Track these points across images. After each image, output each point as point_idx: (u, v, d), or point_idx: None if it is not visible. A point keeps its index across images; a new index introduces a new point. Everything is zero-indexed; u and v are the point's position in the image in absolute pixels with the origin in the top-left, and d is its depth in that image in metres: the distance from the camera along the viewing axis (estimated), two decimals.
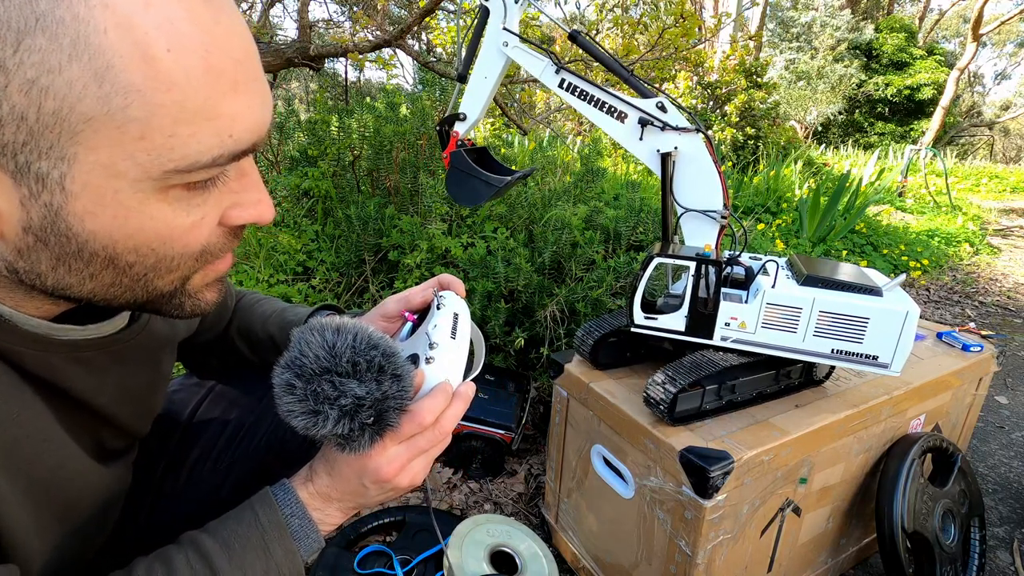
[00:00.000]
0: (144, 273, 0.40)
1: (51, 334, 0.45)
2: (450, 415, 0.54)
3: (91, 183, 0.34)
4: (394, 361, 0.51)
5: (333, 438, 0.49)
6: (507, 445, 1.48)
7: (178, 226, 0.38)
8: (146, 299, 0.42)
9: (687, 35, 3.72)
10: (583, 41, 0.92)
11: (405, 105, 2.51)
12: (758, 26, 11.06)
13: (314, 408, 0.47)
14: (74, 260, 0.37)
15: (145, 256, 0.39)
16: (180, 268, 0.42)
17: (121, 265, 0.38)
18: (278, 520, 0.52)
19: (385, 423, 0.50)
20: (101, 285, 0.39)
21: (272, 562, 0.50)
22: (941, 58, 15.00)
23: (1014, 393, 2.29)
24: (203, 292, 0.46)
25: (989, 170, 11.71)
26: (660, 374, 0.92)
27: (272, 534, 0.51)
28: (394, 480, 0.52)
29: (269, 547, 0.51)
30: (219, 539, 0.50)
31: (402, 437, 0.52)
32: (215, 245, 0.42)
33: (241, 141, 0.37)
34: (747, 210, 4.08)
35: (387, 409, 0.50)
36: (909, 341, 0.86)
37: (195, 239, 0.40)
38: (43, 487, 0.47)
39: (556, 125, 6.03)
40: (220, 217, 0.41)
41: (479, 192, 0.95)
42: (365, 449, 0.50)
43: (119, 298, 0.41)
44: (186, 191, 0.38)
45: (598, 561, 1.15)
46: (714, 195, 0.92)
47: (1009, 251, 5.12)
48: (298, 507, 0.53)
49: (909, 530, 1.05)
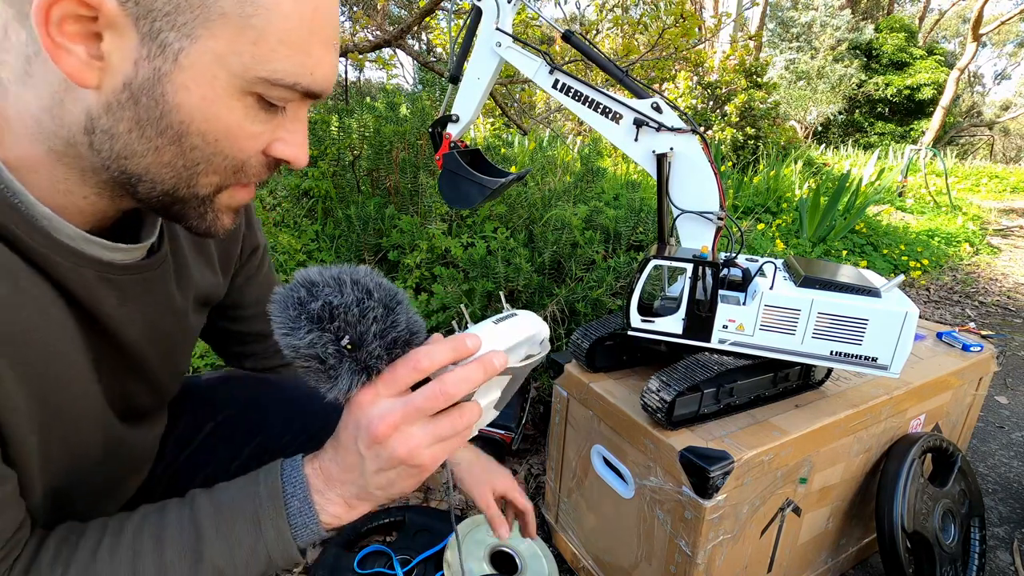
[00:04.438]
0: (197, 163, 0.44)
1: (84, 248, 0.47)
2: (459, 374, 0.45)
3: (199, 63, 0.40)
4: (388, 291, 0.46)
5: (312, 366, 0.44)
6: (507, 445, 1.48)
7: (242, 129, 0.44)
8: (183, 195, 0.46)
9: (687, 35, 3.72)
10: (576, 41, 0.92)
11: (405, 105, 2.51)
12: (758, 26, 11.06)
13: (292, 317, 0.43)
14: (151, 127, 0.41)
15: (207, 144, 0.43)
16: (221, 173, 0.46)
17: (185, 146, 0.43)
18: (277, 495, 0.48)
19: (368, 353, 0.44)
20: (158, 163, 0.43)
21: (262, 541, 0.47)
22: (941, 58, 15.00)
23: (1014, 393, 2.28)
24: (222, 214, 0.50)
25: (989, 170, 11.71)
26: (654, 380, 0.92)
27: (267, 510, 0.48)
28: (388, 443, 0.45)
29: (261, 523, 0.48)
30: (215, 504, 0.49)
31: (395, 385, 0.45)
32: (252, 168, 0.48)
33: (315, 83, 0.45)
34: (747, 210, 4.08)
35: (369, 335, 0.44)
36: (908, 342, 0.86)
37: (247, 148, 0.46)
38: (54, 407, 0.48)
39: (556, 125, 6.03)
40: (267, 145, 0.47)
41: (472, 195, 0.94)
42: (347, 385, 0.44)
43: (163, 183, 0.45)
44: (258, 104, 0.44)
45: (598, 561, 1.15)
46: (710, 196, 0.92)
47: (1009, 251, 5.12)
48: (300, 486, 0.49)
49: (909, 530, 1.05)
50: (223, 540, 0.47)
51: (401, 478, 0.48)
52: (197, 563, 0.46)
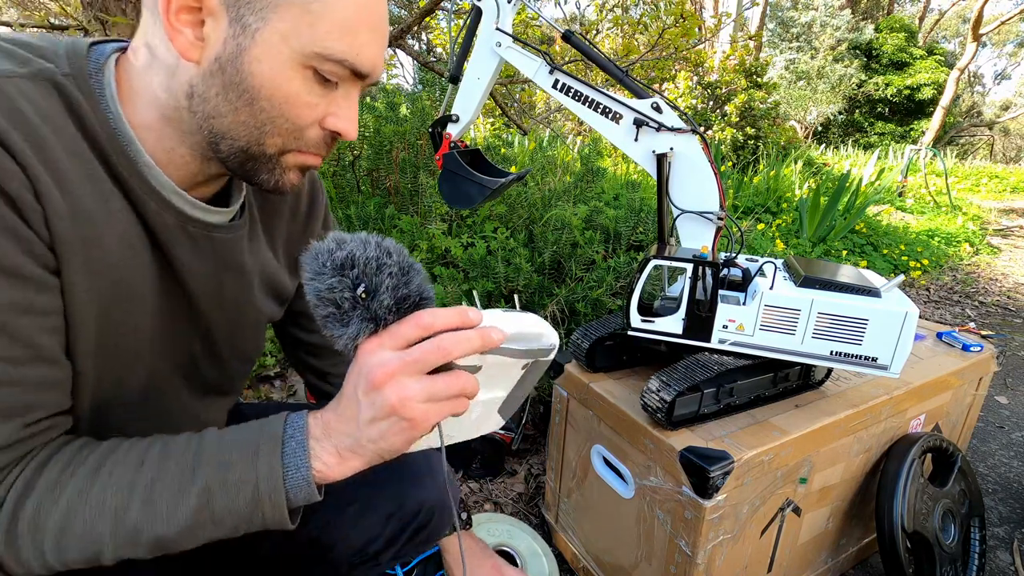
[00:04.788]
0: (263, 123, 0.53)
1: (170, 198, 0.56)
2: (457, 335, 0.49)
3: (269, 40, 0.50)
4: (407, 258, 0.50)
5: (329, 311, 0.48)
6: (507, 445, 1.48)
7: (300, 97, 0.53)
8: (254, 152, 0.55)
9: (687, 35, 3.72)
10: (576, 41, 0.92)
11: (405, 105, 2.51)
12: (758, 26, 11.06)
13: (319, 264, 0.48)
14: (232, 91, 0.51)
15: (272, 107, 0.52)
16: (284, 135, 0.54)
17: (256, 108, 0.52)
18: (277, 434, 0.51)
19: (379, 303, 0.48)
20: (236, 122, 0.53)
21: (253, 472, 0.50)
22: (941, 58, 14.99)
23: (1014, 393, 2.28)
24: (289, 171, 0.58)
25: (989, 170, 11.71)
26: (654, 380, 0.92)
27: (265, 444, 0.51)
28: (383, 390, 0.48)
29: (258, 455, 0.50)
30: (221, 435, 0.53)
31: (399, 338, 0.49)
32: (311, 137, 0.56)
33: (361, 63, 0.53)
34: (747, 210, 4.08)
35: (383, 288, 0.48)
36: (908, 342, 0.86)
37: (304, 115, 0.54)
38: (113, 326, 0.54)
39: (556, 125, 6.03)
40: (323, 119, 0.55)
41: (472, 195, 0.94)
42: (355, 331, 0.48)
43: (239, 140, 0.54)
44: (314, 78, 0.53)
45: (598, 561, 1.15)
46: (710, 196, 0.92)
47: (1009, 251, 5.12)
48: (300, 429, 0.52)
49: (909, 530, 1.05)
50: (220, 466, 0.50)
51: (392, 431, 0.49)
52: (192, 480, 0.49)
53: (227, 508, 0.50)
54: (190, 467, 0.50)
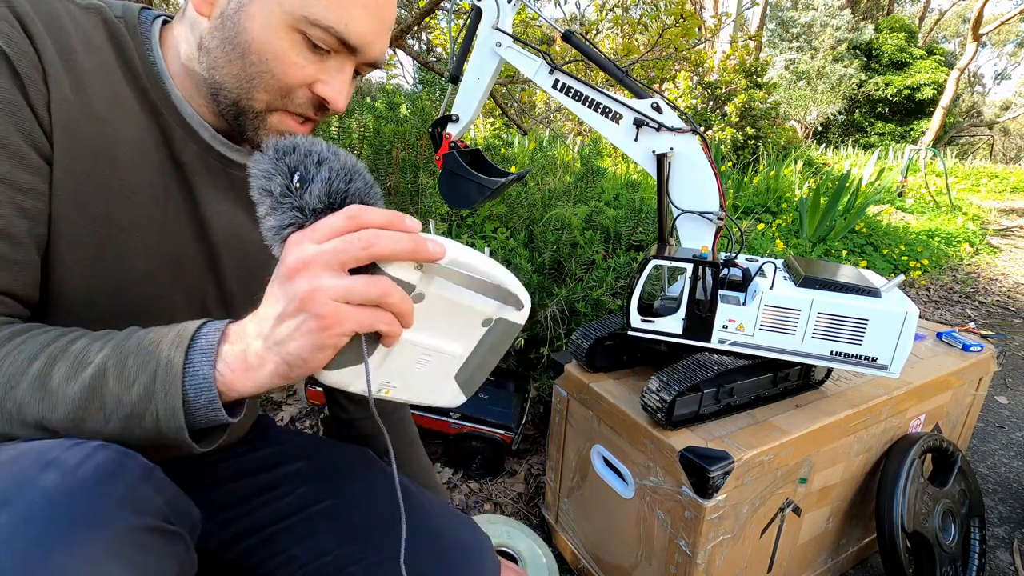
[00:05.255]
0: (252, 76, 0.57)
1: (196, 128, 0.62)
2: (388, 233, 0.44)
3: (264, 0, 0.54)
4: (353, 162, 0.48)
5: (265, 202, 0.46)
6: (507, 445, 1.48)
7: (287, 56, 0.56)
8: (243, 106, 0.59)
9: (687, 35, 3.72)
10: (576, 41, 0.92)
11: (405, 105, 2.51)
12: (758, 26, 11.06)
13: (264, 153, 0.48)
14: (229, 44, 0.56)
15: (262, 63, 0.56)
16: (271, 92, 0.58)
17: (246, 62, 0.56)
18: (189, 329, 0.47)
19: (311, 192, 0.45)
20: (229, 73, 0.57)
21: (152, 363, 0.45)
22: (941, 58, 14.99)
23: (1014, 393, 2.28)
24: (273, 133, 0.60)
25: (989, 170, 11.70)
26: (654, 380, 0.92)
27: (174, 338, 0.46)
28: (295, 280, 0.43)
29: (160, 348, 0.46)
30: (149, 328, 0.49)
31: (324, 230, 0.44)
32: (298, 99, 0.59)
33: (349, 34, 0.56)
34: (747, 210, 4.08)
35: (319, 178, 0.45)
36: (908, 342, 0.86)
37: (292, 75, 0.57)
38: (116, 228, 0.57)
39: (556, 125, 6.02)
40: (312, 83, 0.58)
41: (472, 195, 0.94)
42: (284, 221, 0.45)
43: (230, 92, 0.58)
44: (304, 42, 0.56)
45: (598, 561, 1.15)
46: (710, 196, 0.92)
47: (1009, 251, 5.12)
48: (214, 330, 0.47)
49: (909, 530, 1.05)
50: (122, 351, 0.46)
51: (300, 331, 0.44)
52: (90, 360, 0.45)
53: (117, 398, 0.45)
54: (96, 349, 0.46)
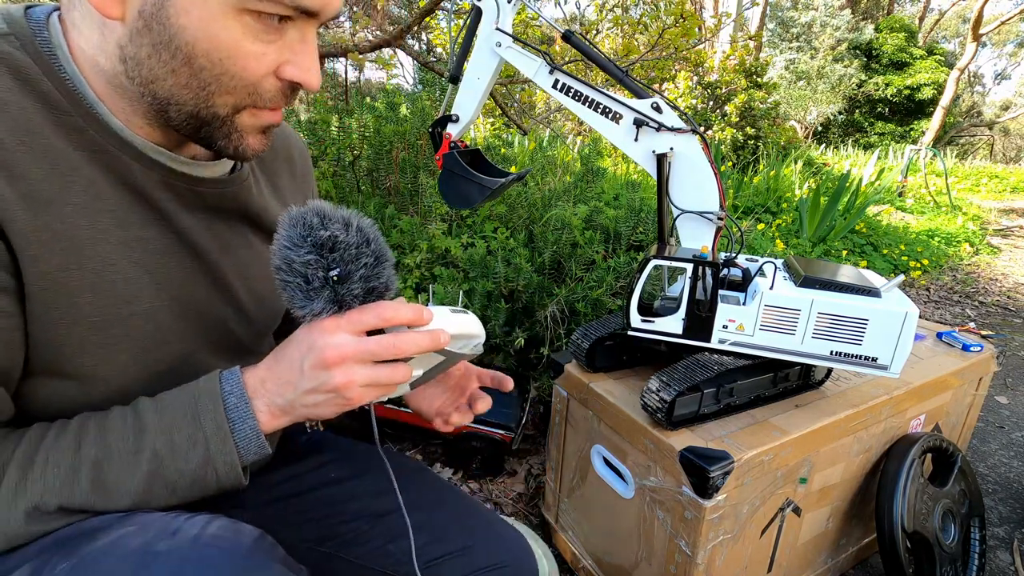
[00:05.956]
0: (208, 83, 0.48)
1: (151, 154, 0.53)
2: (413, 336, 0.51)
3: None
4: (382, 246, 0.51)
5: (295, 281, 0.49)
6: (507, 445, 1.48)
7: (242, 48, 0.47)
8: (204, 116, 0.50)
9: (687, 35, 3.71)
10: (576, 41, 0.91)
11: (405, 105, 2.51)
12: (758, 26, 11.06)
13: (298, 235, 0.48)
14: (164, 50, 0.46)
15: (213, 64, 0.47)
16: (235, 93, 0.49)
17: (195, 67, 0.47)
18: (216, 393, 0.51)
19: (348, 290, 0.49)
20: (177, 84, 0.47)
21: (201, 432, 0.49)
22: (941, 58, 14.99)
23: (1014, 393, 2.28)
24: (249, 135, 0.54)
25: (989, 170, 11.70)
26: (654, 380, 0.92)
27: (205, 404, 0.50)
28: (331, 371, 0.49)
29: (200, 416, 0.50)
30: (157, 402, 0.51)
31: (358, 324, 0.50)
32: (267, 91, 0.51)
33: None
34: (747, 210, 4.08)
35: (356, 275, 0.49)
36: (908, 342, 0.86)
37: (252, 68, 0.48)
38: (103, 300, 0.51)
39: (556, 125, 6.02)
40: (277, 68, 0.50)
41: (472, 195, 0.94)
42: (319, 308, 0.49)
43: (185, 104, 0.49)
44: (257, 22, 0.47)
45: (598, 561, 1.15)
46: (710, 196, 0.92)
47: (1009, 251, 5.12)
48: (237, 385, 0.52)
49: (909, 530, 1.05)
50: (164, 430, 0.49)
51: (327, 404, 0.51)
52: (138, 449, 0.49)
53: (179, 471, 0.49)
54: (133, 438, 0.49)
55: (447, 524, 0.73)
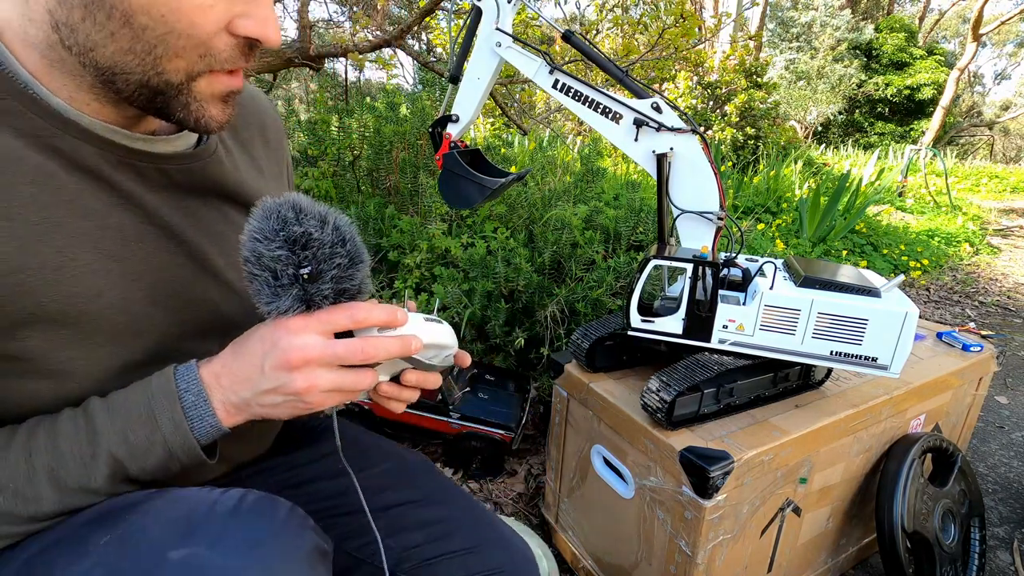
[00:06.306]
0: (155, 45, 0.43)
1: (104, 134, 0.48)
2: (382, 342, 0.49)
3: None
4: (358, 247, 0.49)
5: (263, 276, 0.46)
6: (507, 445, 1.48)
7: (186, 0, 0.42)
8: (156, 84, 0.45)
9: (687, 35, 3.72)
10: (576, 41, 0.92)
11: (405, 105, 2.51)
12: (758, 26, 11.06)
13: (271, 228, 0.46)
14: (99, 10, 0.41)
15: (156, 22, 0.42)
16: (186, 55, 0.45)
17: (136, 27, 0.42)
18: (171, 391, 0.48)
19: (318, 289, 0.47)
20: (119, 50, 0.43)
21: (158, 433, 0.48)
22: (941, 58, 14.98)
23: (1014, 393, 2.28)
24: (210, 105, 0.49)
25: (989, 170, 11.70)
26: (654, 380, 0.92)
27: (160, 403, 0.48)
28: (293, 374, 0.47)
29: (156, 416, 0.48)
30: (109, 403, 0.49)
31: (327, 324, 0.48)
32: (221, 51, 0.46)
33: None
34: (747, 210, 4.08)
35: (327, 276, 0.47)
36: (908, 342, 0.86)
37: (201, 23, 0.43)
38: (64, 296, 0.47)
39: (556, 125, 6.03)
40: (229, 23, 0.45)
41: (472, 195, 0.94)
42: (286, 306, 0.47)
43: (132, 72, 0.44)
44: None
45: (598, 561, 1.15)
46: (710, 196, 0.92)
47: (1009, 251, 5.12)
48: (194, 383, 0.49)
49: (909, 530, 1.05)
50: (119, 434, 0.47)
51: (285, 407, 0.49)
52: (94, 455, 0.47)
53: (141, 468, 0.48)
54: (88, 442, 0.47)
55: (450, 524, 0.72)
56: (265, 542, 0.44)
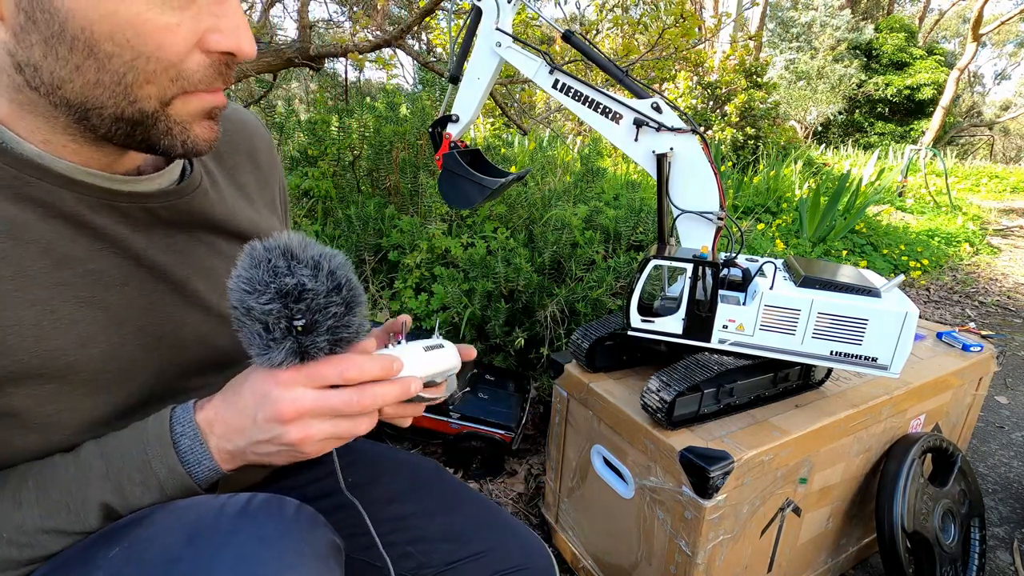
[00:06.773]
0: (123, 73, 0.41)
1: (83, 179, 0.47)
2: (379, 391, 0.47)
3: None
4: (355, 290, 0.47)
5: (254, 328, 0.44)
6: (507, 445, 1.48)
7: (151, 20, 0.40)
8: (132, 116, 0.43)
9: (687, 35, 3.72)
10: (576, 41, 0.91)
11: (405, 105, 2.51)
12: (758, 26, 11.06)
13: (260, 279, 0.43)
14: (60, 44, 0.39)
15: (121, 47, 0.40)
16: (157, 80, 0.42)
17: (101, 57, 0.40)
18: (165, 437, 0.47)
19: (313, 341, 0.45)
20: (87, 83, 0.41)
21: (154, 478, 0.47)
22: (941, 58, 14.99)
23: (1014, 393, 2.29)
24: (193, 126, 0.47)
25: (989, 170, 11.70)
26: (654, 380, 0.92)
27: (155, 449, 0.47)
28: (286, 426, 0.45)
29: (151, 462, 0.47)
30: (101, 447, 0.48)
31: (318, 379, 0.46)
32: (195, 72, 0.44)
33: None
34: (747, 210, 4.08)
35: (322, 327, 0.45)
36: (908, 342, 0.86)
37: (169, 44, 0.41)
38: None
39: (556, 125, 6.02)
40: (199, 40, 0.43)
41: (472, 195, 0.94)
42: (278, 360, 0.45)
43: (105, 107, 0.42)
44: None
45: (598, 561, 1.15)
46: (710, 196, 0.92)
47: (1009, 251, 5.12)
48: (190, 426, 0.48)
49: (909, 530, 1.05)
50: (111, 480, 0.47)
51: (280, 456, 0.48)
52: (84, 504, 0.46)
53: (138, 508, 0.48)
54: (80, 492, 0.46)
55: (467, 527, 0.72)
56: (279, 538, 0.44)
